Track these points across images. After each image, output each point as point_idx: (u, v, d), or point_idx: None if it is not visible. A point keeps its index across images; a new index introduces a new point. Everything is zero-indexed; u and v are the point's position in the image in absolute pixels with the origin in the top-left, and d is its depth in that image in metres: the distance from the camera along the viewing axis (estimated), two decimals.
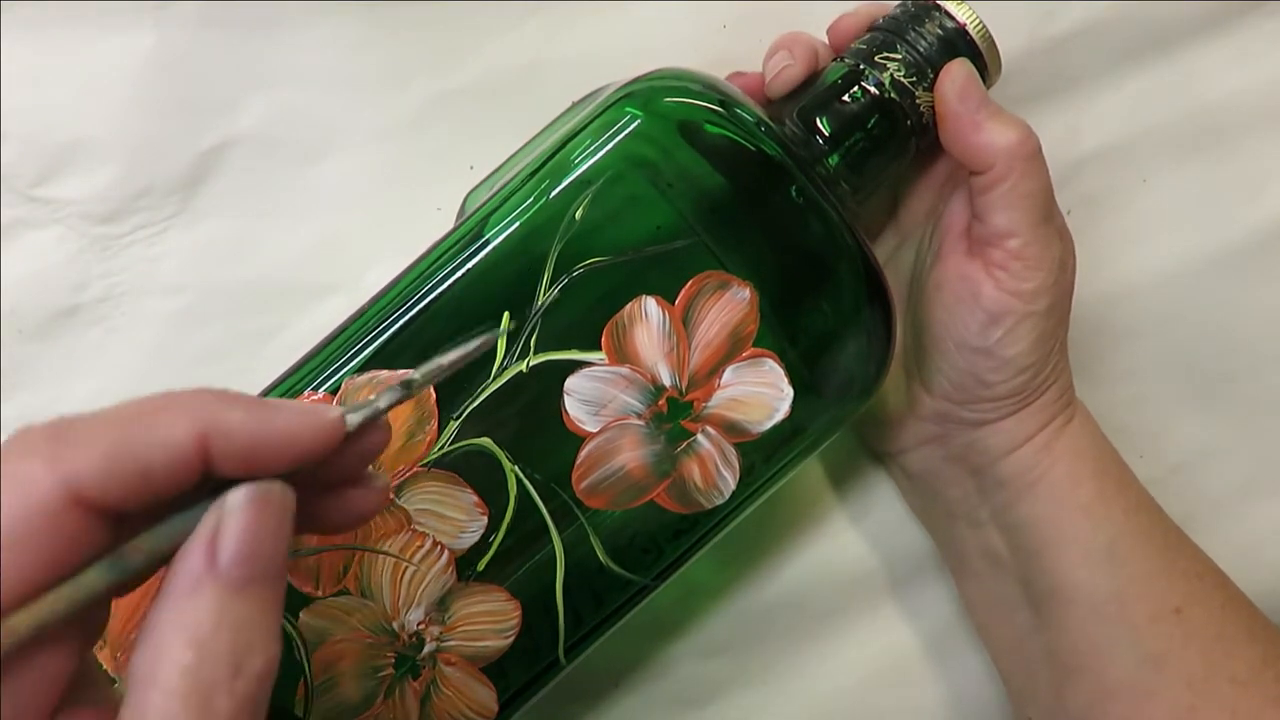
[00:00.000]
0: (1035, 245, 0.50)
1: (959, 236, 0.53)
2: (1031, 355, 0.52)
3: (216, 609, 0.30)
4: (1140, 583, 0.52)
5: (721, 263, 0.47)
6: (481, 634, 0.47)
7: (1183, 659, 0.51)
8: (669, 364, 0.47)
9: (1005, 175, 0.49)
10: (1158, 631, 0.52)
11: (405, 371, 0.41)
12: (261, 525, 0.31)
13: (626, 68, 0.52)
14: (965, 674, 0.62)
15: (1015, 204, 0.50)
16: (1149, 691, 0.51)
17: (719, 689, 0.60)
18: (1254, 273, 0.65)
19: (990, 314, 0.51)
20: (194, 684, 0.29)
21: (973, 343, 0.52)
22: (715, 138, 0.48)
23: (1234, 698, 0.50)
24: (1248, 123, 0.65)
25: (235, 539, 0.30)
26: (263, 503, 0.31)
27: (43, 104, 0.56)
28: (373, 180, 0.59)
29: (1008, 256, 0.50)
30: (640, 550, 0.48)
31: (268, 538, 0.31)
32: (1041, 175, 0.50)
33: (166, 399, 0.31)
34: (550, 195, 0.46)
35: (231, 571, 0.30)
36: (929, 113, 0.51)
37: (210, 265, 0.58)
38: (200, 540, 0.30)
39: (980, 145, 0.50)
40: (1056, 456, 0.54)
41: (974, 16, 0.51)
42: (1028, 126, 0.50)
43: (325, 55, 0.58)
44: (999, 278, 0.51)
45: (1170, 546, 0.54)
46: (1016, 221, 0.50)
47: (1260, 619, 0.54)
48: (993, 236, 0.51)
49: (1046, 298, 0.51)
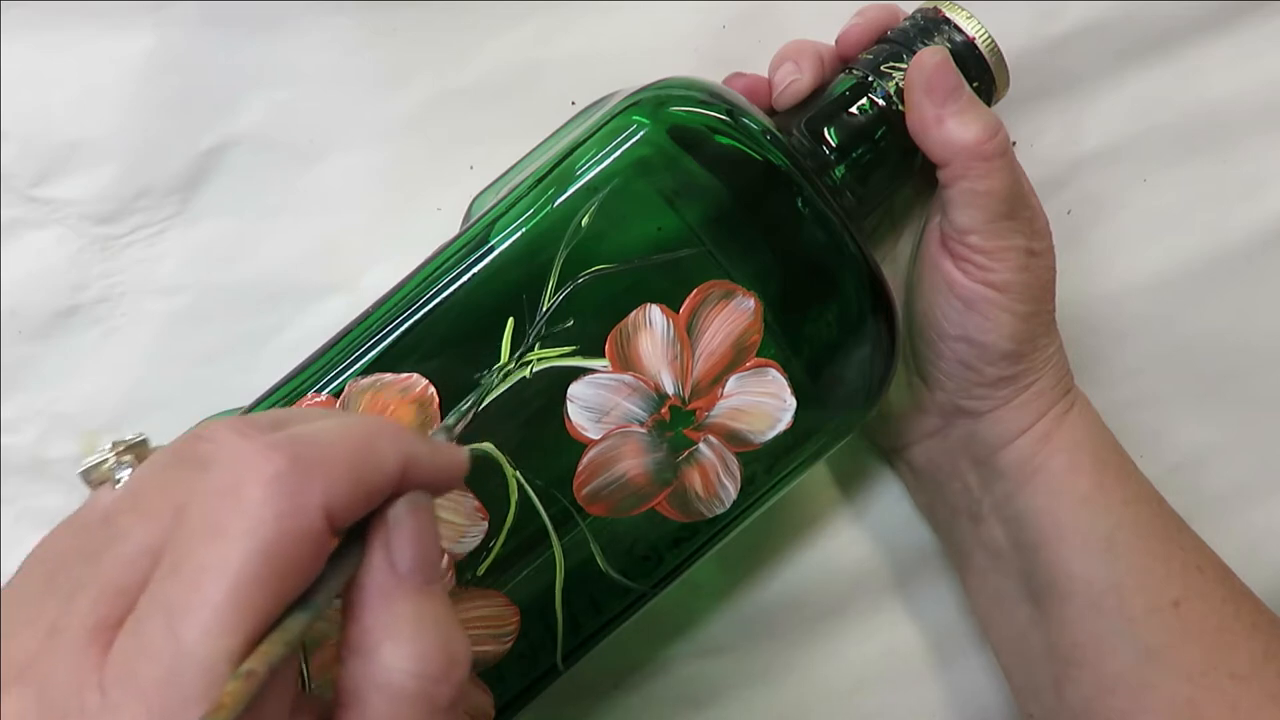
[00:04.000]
0: (994, 241, 0.50)
1: (935, 229, 0.53)
2: (1011, 340, 0.52)
3: (414, 612, 0.30)
4: (1138, 574, 0.52)
5: (726, 272, 0.47)
6: (479, 639, 0.47)
7: (1181, 652, 0.51)
8: (672, 372, 0.47)
9: (963, 173, 0.49)
10: (1156, 624, 0.51)
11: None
12: (425, 529, 0.32)
13: (626, 68, 0.52)
14: (966, 674, 0.62)
15: (972, 202, 0.50)
16: (1148, 685, 0.51)
17: (719, 689, 0.60)
18: (1254, 273, 0.65)
19: (964, 301, 0.51)
20: (418, 684, 0.29)
21: (952, 331, 0.52)
22: (722, 147, 0.47)
23: (1235, 692, 0.50)
24: (1248, 123, 0.65)
25: (410, 545, 0.31)
26: (422, 509, 0.32)
27: (43, 104, 0.56)
28: (373, 180, 0.59)
29: (970, 251, 0.50)
30: (640, 558, 0.48)
31: (431, 539, 0.32)
32: (1001, 175, 0.49)
33: (374, 425, 0.32)
34: (556, 202, 0.46)
35: (415, 576, 0.31)
36: None
37: (210, 265, 0.58)
38: (378, 556, 0.31)
39: (939, 140, 0.49)
40: (1055, 447, 0.54)
41: (983, 30, 0.51)
42: (993, 124, 0.49)
43: (325, 55, 0.58)
44: (966, 269, 0.51)
45: (1170, 539, 0.54)
46: (974, 219, 0.50)
47: (1265, 614, 0.54)
48: (955, 232, 0.51)
49: (1016, 287, 0.51)
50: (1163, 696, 0.51)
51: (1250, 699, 0.50)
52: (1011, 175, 0.50)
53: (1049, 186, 0.60)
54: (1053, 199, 0.61)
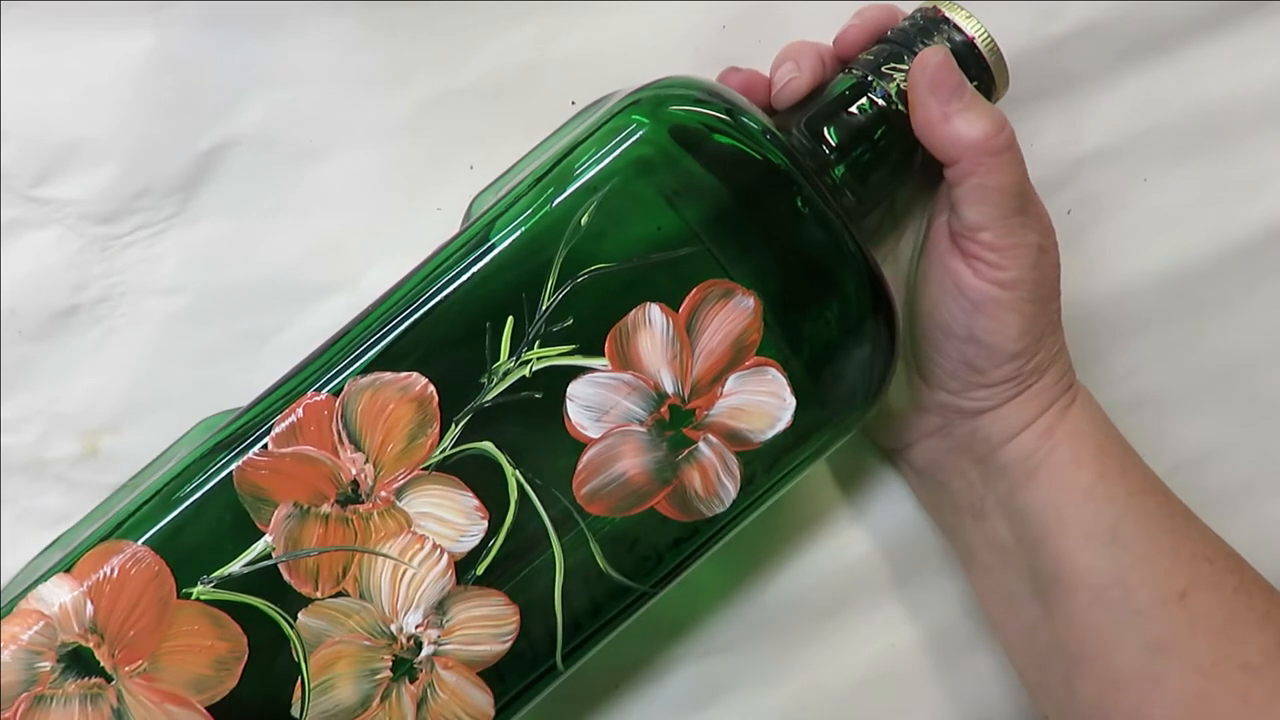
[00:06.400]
0: (1007, 238, 0.50)
1: (942, 227, 0.53)
2: (1019, 341, 0.52)
3: None
4: (1144, 566, 0.52)
5: (726, 271, 0.47)
6: (479, 638, 0.47)
7: (1190, 644, 0.51)
8: (672, 371, 0.47)
9: (972, 170, 0.49)
10: (1163, 616, 0.51)
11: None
12: None
13: (626, 68, 0.52)
14: (968, 674, 0.62)
15: (984, 198, 0.50)
16: (1157, 679, 0.51)
17: (719, 689, 0.60)
18: (1254, 273, 0.65)
19: (973, 302, 0.51)
20: None
21: (959, 332, 0.52)
22: (721, 146, 0.48)
23: (1245, 685, 0.50)
24: (1248, 123, 0.65)
25: None
26: None
27: (42, 104, 0.56)
28: (373, 180, 0.59)
29: (981, 248, 0.50)
30: (640, 557, 0.48)
31: None
32: (1011, 169, 0.50)
33: None
34: (556, 201, 0.46)
35: None
36: None
37: (210, 265, 0.58)
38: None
39: (947, 138, 0.49)
40: (1058, 440, 0.54)
41: (982, 30, 0.51)
42: (999, 119, 0.49)
43: (325, 55, 0.58)
44: (977, 267, 0.51)
45: (1177, 530, 0.53)
46: (986, 215, 0.50)
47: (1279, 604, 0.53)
48: (965, 229, 0.51)
49: (1026, 285, 0.51)
50: (1173, 690, 0.51)
51: (1262, 691, 0.50)
52: (1021, 169, 0.50)
53: (1049, 186, 0.60)
54: (1053, 199, 0.61)
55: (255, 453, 0.45)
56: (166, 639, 0.44)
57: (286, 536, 0.45)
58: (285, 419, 0.45)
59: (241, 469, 0.45)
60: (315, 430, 0.45)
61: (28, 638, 0.44)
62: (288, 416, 0.45)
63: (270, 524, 0.45)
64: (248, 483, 0.45)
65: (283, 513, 0.45)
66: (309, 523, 0.45)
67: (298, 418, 0.45)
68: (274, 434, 0.45)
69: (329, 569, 0.45)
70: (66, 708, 0.44)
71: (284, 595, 0.45)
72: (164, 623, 0.44)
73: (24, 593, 0.45)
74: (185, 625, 0.45)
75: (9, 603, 0.45)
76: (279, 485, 0.45)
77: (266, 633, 0.45)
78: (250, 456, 0.45)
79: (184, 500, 0.45)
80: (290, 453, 0.45)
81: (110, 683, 0.44)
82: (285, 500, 0.45)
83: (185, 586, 0.45)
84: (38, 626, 0.44)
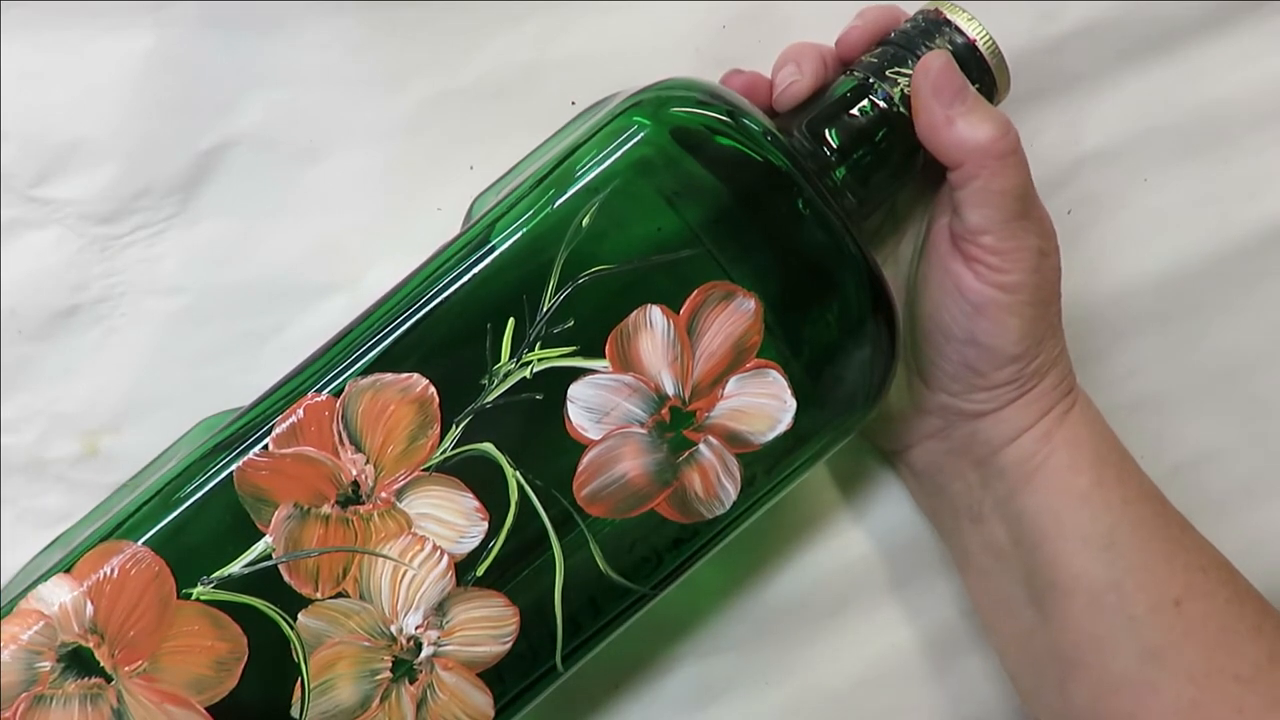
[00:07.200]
0: (1009, 241, 0.50)
1: (943, 229, 0.53)
2: (1020, 344, 0.52)
3: None
4: (1139, 573, 0.52)
5: (727, 273, 0.47)
6: (479, 639, 0.47)
7: (1183, 652, 0.51)
8: (672, 373, 0.47)
9: (976, 173, 0.49)
10: (1157, 623, 0.51)
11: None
12: None
13: (626, 68, 0.52)
14: (966, 674, 0.62)
15: (987, 201, 0.49)
16: (1151, 686, 0.51)
17: (719, 689, 0.60)
18: (1254, 273, 0.65)
19: (973, 305, 0.51)
20: None
21: (959, 334, 0.52)
22: (723, 148, 0.48)
23: (1239, 694, 0.50)
24: (1248, 123, 0.65)
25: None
26: None
27: (42, 104, 0.56)
28: (373, 180, 0.59)
29: (983, 252, 0.50)
30: (640, 559, 0.48)
31: None
32: (1015, 173, 0.50)
33: None
34: (557, 202, 0.46)
35: None
36: None
37: (210, 265, 0.58)
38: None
39: (951, 142, 0.49)
40: (1056, 445, 0.54)
41: (984, 32, 0.51)
42: (1004, 122, 0.49)
43: (325, 55, 0.58)
44: (978, 270, 0.51)
45: (1172, 538, 0.54)
46: (989, 219, 0.50)
47: (1271, 615, 0.53)
48: (967, 232, 0.51)
49: (1027, 288, 0.51)
50: (1166, 697, 0.51)
51: (1256, 702, 0.50)
52: (1025, 173, 0.50)
53: (1049, 186, 0.60)
54: (1053, 199, 0.61)
55: (256, 453, 0.45)
56: (166, 639, 0.44)
57: (287, 537, 0.45)
58: (286, 419, 0.45)
59: (242, 469, 0.45)
60: (316, 431, 0.45)
61: (28, 638, 0.44)
62: (288, 417, 0.45)
63: (270, 524, 0.45)
64: (248, 483, 0.45)
65: (283, 513, 0.45)
66: (309, 523, 0.45)
67: (298, 418, 0.45)
68: (274, 434, 0.45)
69: (329, 570, 0.45)
70: (66, 708, 0.44)
71: (284, 596, 0.45)
72: (164, 623, 0.44)
73: (24, 593, 0.45)
74: (185, 625, 0.45)
75: (9, 603, 0.45)
76: (279, 486, 0.45)
77: (266, 633, 0.45)
78: (251, 457, 0.45)
79: (184, 500, 0.45)
80: (291, 453, 0.45)
81: (110, 683, 0.44)
82: (285, 501, 0.45)
83: (185, 587, 0.45)
84: (38, 626, 0.44)
